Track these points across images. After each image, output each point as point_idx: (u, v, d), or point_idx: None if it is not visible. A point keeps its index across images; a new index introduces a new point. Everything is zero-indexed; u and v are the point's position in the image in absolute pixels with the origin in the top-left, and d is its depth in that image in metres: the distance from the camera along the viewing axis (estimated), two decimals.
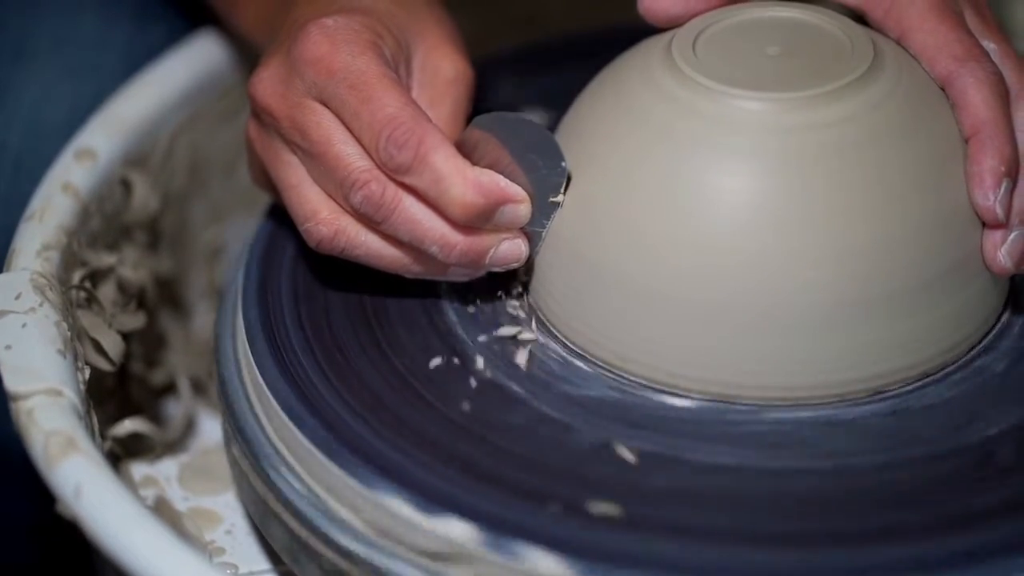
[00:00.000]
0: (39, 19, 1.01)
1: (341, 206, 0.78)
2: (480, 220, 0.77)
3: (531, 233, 0.79)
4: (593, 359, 0.78)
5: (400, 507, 0.72)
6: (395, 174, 0.76)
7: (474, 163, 0.77)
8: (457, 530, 0.71)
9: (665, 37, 0.79)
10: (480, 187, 0.76)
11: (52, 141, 0.97)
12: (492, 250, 0.78)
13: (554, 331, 0.80)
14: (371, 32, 0.79)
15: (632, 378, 0.77)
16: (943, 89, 0.77)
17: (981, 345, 0.78)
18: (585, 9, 1.08)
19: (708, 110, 0.75)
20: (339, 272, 0.83)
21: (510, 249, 0.78)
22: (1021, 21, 1.05)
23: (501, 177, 0.77)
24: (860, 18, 0.80)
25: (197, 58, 1.00)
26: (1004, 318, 0.79)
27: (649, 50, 0.79)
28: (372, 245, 0.79)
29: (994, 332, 0.79)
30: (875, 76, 0.76)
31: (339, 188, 0.77)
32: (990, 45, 0.78)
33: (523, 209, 0.77)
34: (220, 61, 1.01)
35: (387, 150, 0.75)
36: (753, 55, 0.77)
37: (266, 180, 0.83)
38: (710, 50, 0.78)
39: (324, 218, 0.78)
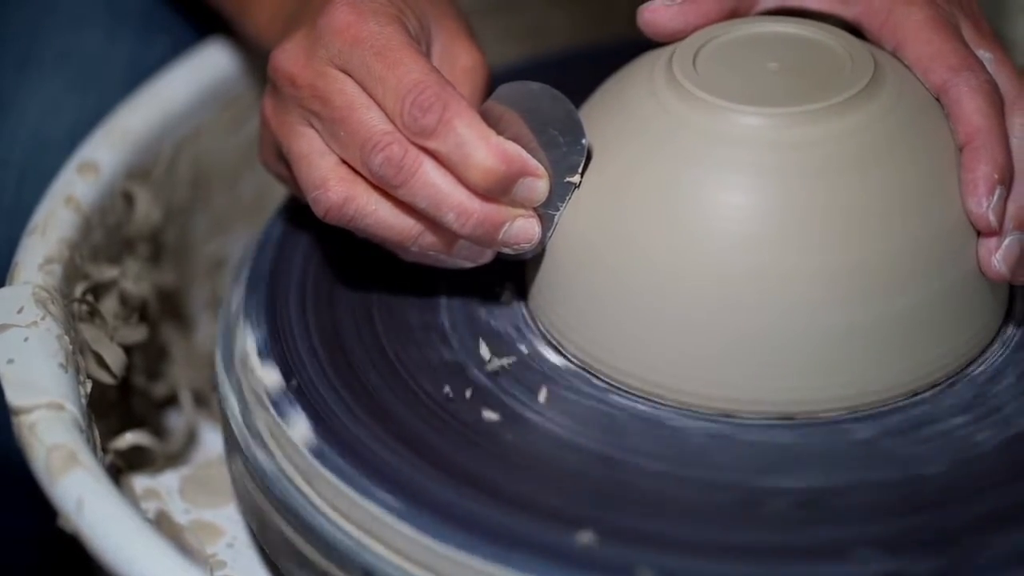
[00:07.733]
0: (43, 31, 1.01)
1: (356, 173, 0.78)
2: (500, 189, 0.76)
3: (544, 216, 0.78)
4: (591, 370, 0.78)
5: (396, 522, 0.72)
6: (418, 138, 0.76)
7: None
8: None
9: (666, 51, 0.79)
10: (503, 154, 0.76)
11: (55, 154, 0.97)
12: (507, 225, 0.77)
13: (553, 341, 0.80)
14: (396, 8, 0.79)
15: (629, 391, 0.77)
16: (938, 99, 0.77)
17: (983, 356, 0.78)
18: (586, 23, 1.08)
19: (707, 125, 0.75)
20: (343, 280, 0.83)
21: (524, 228, 0.78)
22: (1021, 32, 1.05)
23: (523, 149, 0.77)
24: (857, 31, 0.80)
25: (200, 71, 1.00)
26: (1007, 330, 0.79)
27: (650, 64, 0.79)
28: (382, 213, 0.78)
29: (996, 343, 0.79)
30: (875, 91, 0.76)
31: (359, 152, 0.77)
32: (986, 55, 0.78)
33: (541, 185, 0.77)
34: (224, 74, 1.01)
35: (411, 113, 0.76)
36: (753, 70, 0.78)
37: (277, 160, 0.83)
38: (710, 65, 0.78)
39: (333, 185, 0.78)
